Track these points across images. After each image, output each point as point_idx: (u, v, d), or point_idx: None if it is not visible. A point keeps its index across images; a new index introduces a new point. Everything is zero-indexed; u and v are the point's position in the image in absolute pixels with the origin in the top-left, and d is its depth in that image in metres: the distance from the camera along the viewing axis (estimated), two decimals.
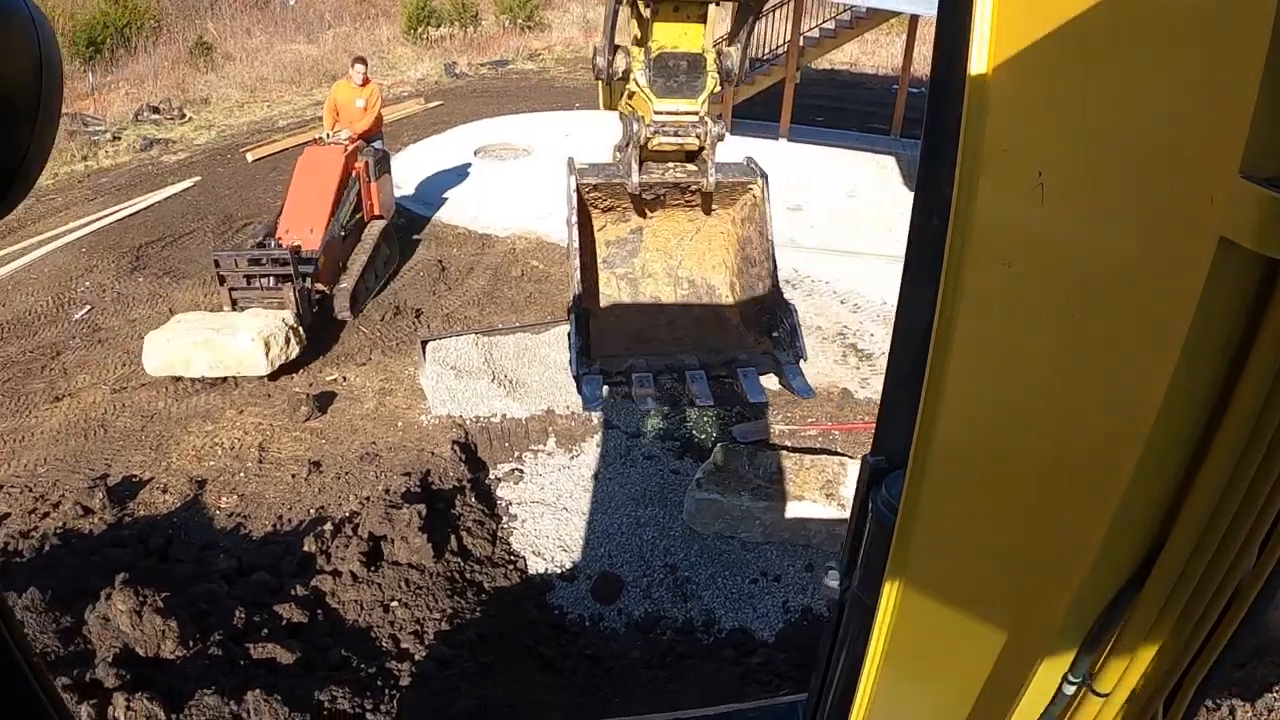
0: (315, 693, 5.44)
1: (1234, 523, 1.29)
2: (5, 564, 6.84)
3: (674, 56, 5.98)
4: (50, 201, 16.34)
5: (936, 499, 1.71)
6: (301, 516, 7.67)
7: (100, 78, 27.38)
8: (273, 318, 9.83)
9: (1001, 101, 1.34)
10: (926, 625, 1.88)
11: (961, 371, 1.57)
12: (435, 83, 25.93)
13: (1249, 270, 1.09)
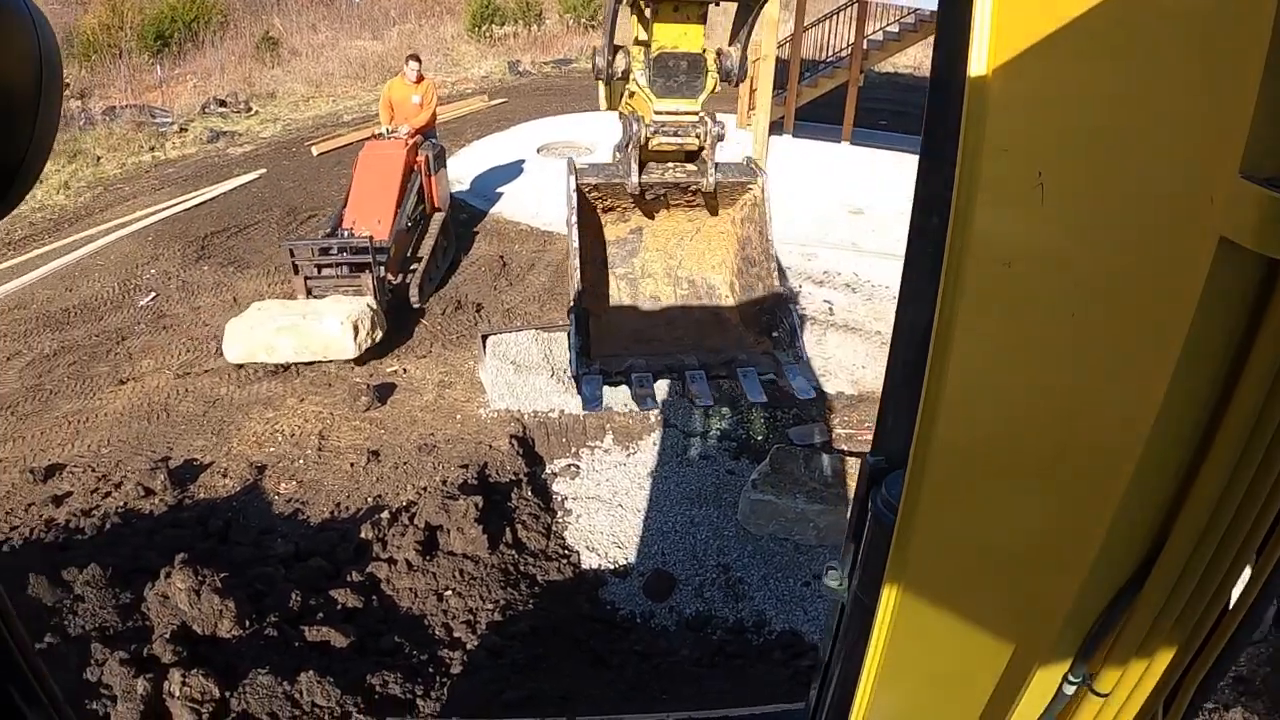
0: (367, 676, 5.52)
1: (1234, 523, 1.28)
2: (67, 540, 7.03)
3: (674, 56, 6.01)
4: (118, 190, 16.76)
5: (936, 499, 1.71)
6: (359, 504, 7.78)
7: (168, 71, 28.02)
8: (357, 303, 10.02)
9: (1001, 101, 1.34)
10: (926, 625, 1.87)
11: (961, 371, 1.56)
12: (499, 80, 26.16)
13: (1249, 270, 1.08)
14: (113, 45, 30.37)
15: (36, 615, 5.71)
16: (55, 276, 12.95)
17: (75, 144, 20.67)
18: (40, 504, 7.67)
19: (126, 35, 30.62)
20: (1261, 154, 0.99)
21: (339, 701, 5.27)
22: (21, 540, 7.10)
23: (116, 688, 5.14)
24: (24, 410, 9.48)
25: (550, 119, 20.81)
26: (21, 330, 11.42)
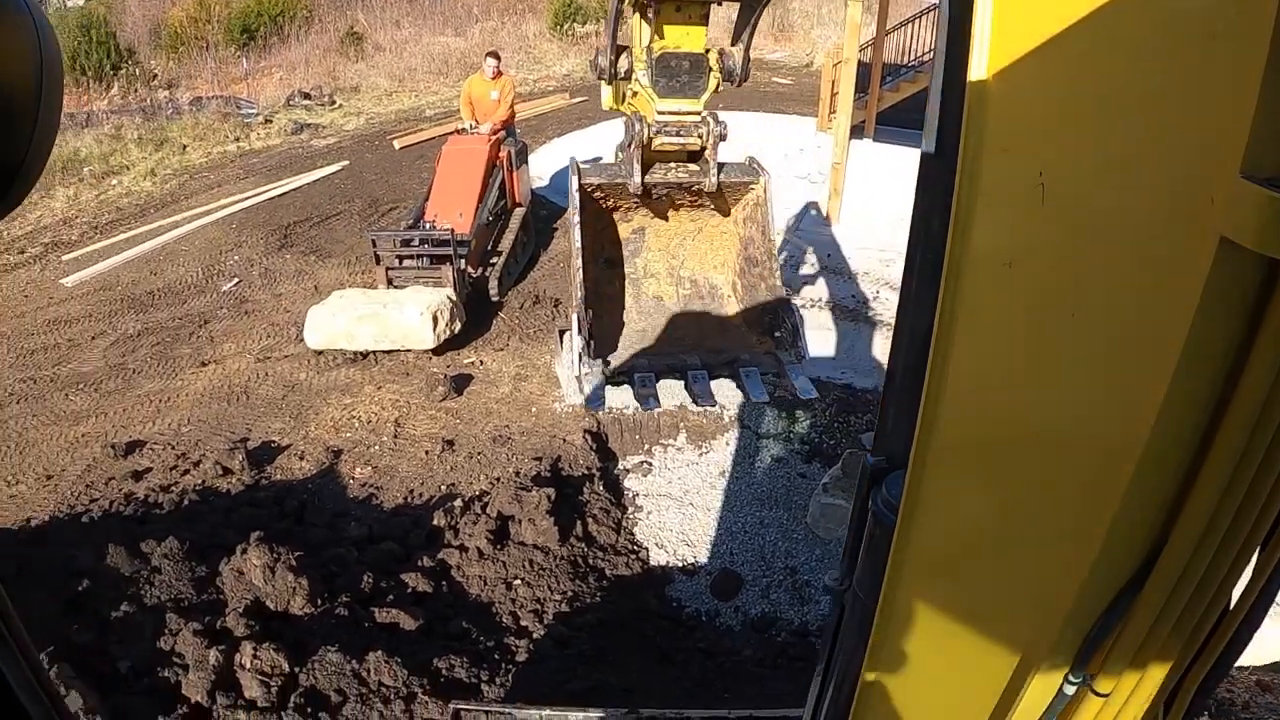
0: (434, 659, 5.60)
1: (1234, 523, 1.27)
2: (146, 514, 7.25)
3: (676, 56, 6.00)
4: (203, 178, 17.22)
5: (936, 500, 1.70)
6: (432, 492, 7.90)
7: (254, 63, 28.72)
8: (437, 293, 10.17)
9: (1002, 101, 1.34)
10: (926, 625, 1.86)
11: (961, 372, 1.56)
12: (580, 79, 26.37)
13: (1249, 271, 1.08)
14: (199, 38, 31.25)
15: (114, 584, 5.89)
16: (141, 260, 13.37)
17: (162, 133, 21.28)
18: (120, 478, 7.93)
19: (213, 28, 31.47)
20: (1262, 154, 1.00)
21: (405, 682, 5.35)
22: (101, 512, 7.34)
23: (189, 657, 5.28)
24: (107, 388, 9.82)
25: None
26: (107, 311, 11.82)
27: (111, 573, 5.97)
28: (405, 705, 5.25)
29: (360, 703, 5.21)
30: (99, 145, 20.72)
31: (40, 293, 12.82)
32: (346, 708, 5.18)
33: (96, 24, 29.51)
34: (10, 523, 7.32)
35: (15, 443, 8.88)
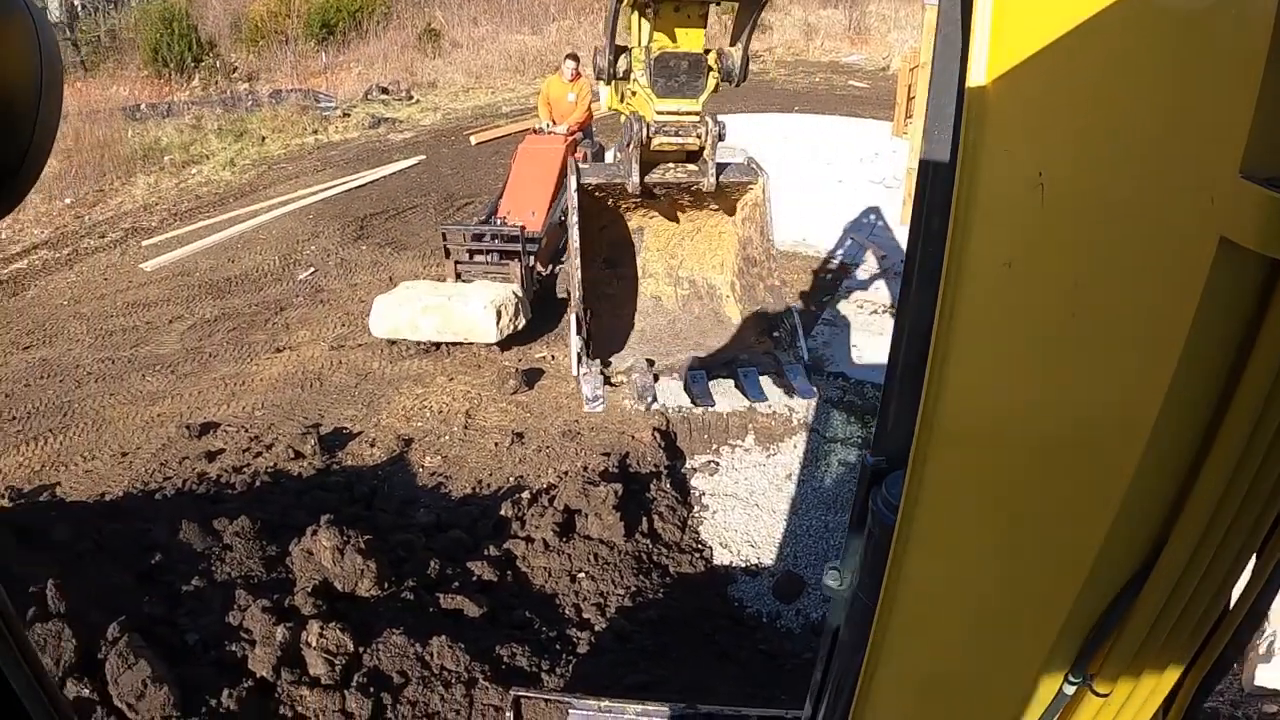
0: (496, 647, 5.67)
1: (1234, 524, 1.27)
2: (218, 493, 7.43)
3: (674, 56, 5.96)
4: (281, 169, 17.57)
5: (936, 499, 1.69)
6: (501, 483, 7.99)
7: (332, 58, 29.24)
8: (503, 288, 10.24)
9: (1002, 101, 1.33)
10: (926, 625, 1.86)
11: (961, 372, 1.55)
12: None
13: (1249, 271, 1.07)
14: (279, 32, 31.90)
15: (186, 559, 6.05)
16: (219, 247, 13.70)
17: (242, 124, 21.74)
18: (194, 458, 8.15)
19: (293, 23, 32.11)
20: (1261, 154, 0.99)
21: (467, 667, 5.43)
22: (174, 490, 7.55)
23: (256, 633, 5.40)
24: (183, 370, 10.08)
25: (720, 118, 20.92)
26: (185, 296, 12.13)
27: (184, 548, 6.13)
28: (466, 690, 5.33)
29: (422, 685, 5.30)
30: (179, 135, 21.22)
31: (120, 276, 13.17)
32: (408, 689, 5.27)
33: (178, 17, 30.21)
34: (85, 496, 7.55)
35: (92, 420, 9.14)
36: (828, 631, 2.41)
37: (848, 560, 2.21)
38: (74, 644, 4.92)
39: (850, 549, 2.18)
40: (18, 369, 10.46)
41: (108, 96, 29.42)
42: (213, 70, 29.59)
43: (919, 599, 1.83)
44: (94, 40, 39.09)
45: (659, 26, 5.85)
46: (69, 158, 20.89)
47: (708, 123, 6.09)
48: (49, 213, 17.44)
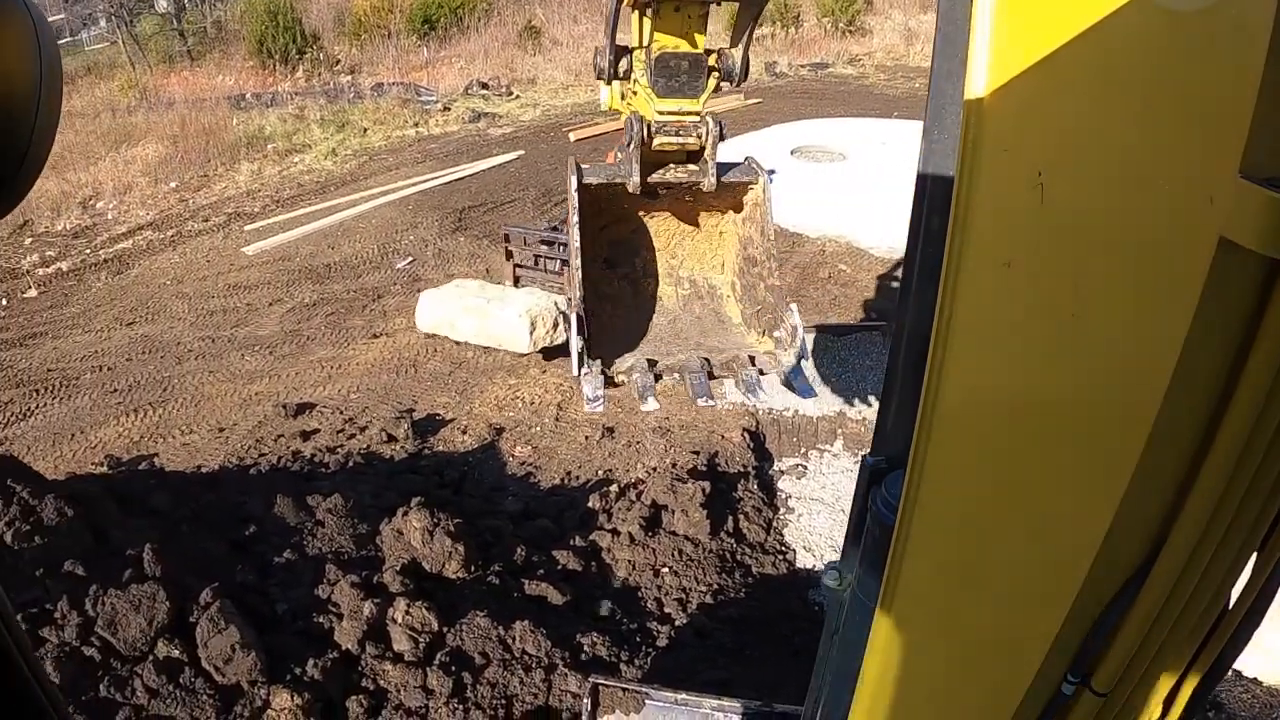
0: (577, 635, 5.75)
1: (1234, 524, 1.26)
2: (312, 471, 7.64)
3: (675, 56, 5.91)
4: (382, 160, 17.95)
5: (936, 500, 1.69)
6: (589, 476, 8.09)
7: (434, 53, 29.75)
8: (544, 299, 10.21)
9: (1001, 101, 1.32)
10: (926, 625, 1.84)
11: (961, 372, 1.55)
12: (755, 81, 26.40)
13: (1249, 270, 1.07)
14: (382, 26, 32.55)
15: (279, 532, 6.22)
16: (319, 234, 14.08)
17: (344, 115, 22.24)
18: (289, 436, 8.41)
19: (395, 18, 32.73)
20: (1261, 154, 1.00)
21: (548, 653, 5.50)
22: (269, 466, 7.77)
23: (344, 607, 5.54)
24: (282, 351, 10.40)
25: (805, 122, 20.87)
26: (285, 280, 12.49)
27: (278, 521, 6.31)
28: (545, 675, 5.40)
29: (502, 667, 5.39)
30: (283, 124, 21.78)
31: (222, 259, 13.62)
32: (489, 670, 5.36)
33: (283, 10, 31.00)
34: (183, 467, 7.81)
35: (191, 395, 9.47)
36: (827, 631, 2.42)
37: (847, 560, 2.22)
38: (167, 606, 5.09)
39: (850, 549, 2.19)
40: (120, 344, 10.88)
41: (213, 85, 30.31)
42: (316, 62, 30.31)
43: (918, 598, 1.83)
44: (200, 31, 40.28)
45: (659, 26, 5.88)
46: (175, 143, 21.56)
47: (708, 122, 6.11)
48: (154, 195, 18.04)
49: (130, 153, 21.84)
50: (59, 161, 22.73)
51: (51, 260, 15.29)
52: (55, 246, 16.11)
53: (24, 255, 15.97)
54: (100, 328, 11.70)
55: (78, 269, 14.67)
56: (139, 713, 4.80)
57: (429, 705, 5.16)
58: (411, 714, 5.13)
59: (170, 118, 24.79)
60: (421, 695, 5.21)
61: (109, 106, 29.36)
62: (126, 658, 4.98)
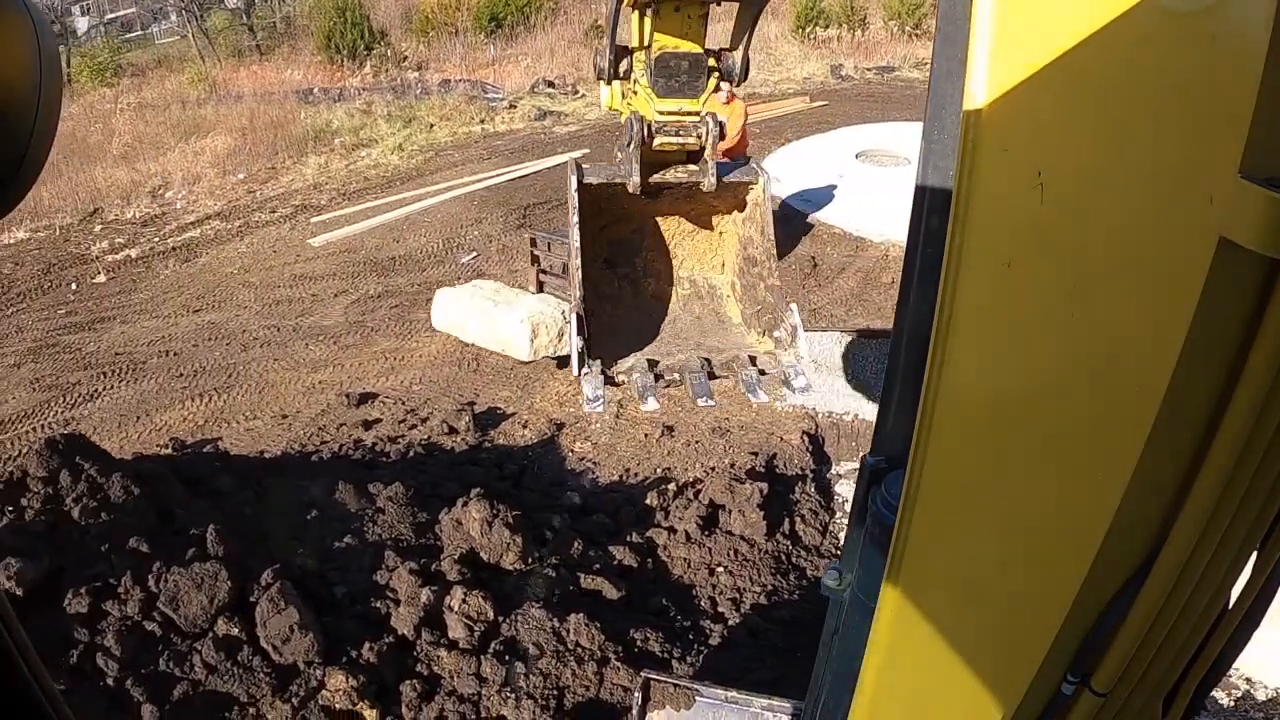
0: (631, 630, 5.79)
1: (1233, 523, 1.26)
2: (373, 460, 7.77)
3: (675, 56, 5.87)
4: (447, 156, 18.15)
5: (936, 499, 1.68)
6: (647, 473, 8.14)
7: (500, 50, 30.01)
8: (554, 306, 10.11)
9: (1001, 101, 1.32)
10: (926, 624, 1.83)
11: (961, 372, 1.55)
12: (820, 83, 26.36)
13: (1249, 270, 1.07)
14: (449, 23, 32.93)
15: (340, 518, 6.33)
16: (384, 228, 14.29)
17: (410, 111, 22.52)
18: (351, 425, 8.58)
19: (462, 15, 33.08)
20: (1261, 154, 1.00)
21: (601, 646, 5.55)
22: (331, 454, 7.91)
23: (401, 593, 5.63)
24: (345, 342, 10.58)
25: (870, 125, 20.74)
26: (350, 272, 12.70)
27: (339, 507, 6.42)
28: (598, 668, 5.45)
29: (555, 659, 5.44)
30: (350, 119, 22.07)
31: (288, 250, 13.86)
32: (542, 661, 5.42)
33: (351, 7, 31.47)
34: (246, 452, 7.96)
35: (255, 382, 9.66)
36: (827, 631, 2.42)
37: (847, 560, 2.22)
38: (228, 585, 5.21)
39: (850, 549, 2.20)
40: (187, 330, 11.12)
41: (281, 80, 30.78)
42: (383, 58, 30.72)
43: (918, 598, 1.83)
44: (269, 26, 40.94)
45: (659, 26, 5.89)
46: (244, 135, 21.93)
47: (708, 122, 6.11)
48: (222, 186, 18.37)
49: (199, 144, 22.25)
50: (130, 152, 23.23)
51: (121, 247, 15.64)
52: (124, 234, 16.47)
53: (94, 242, 16.36)
54: (167, 314, 11.97)
55: (146, 256, 14.99)
56: (196, 687, 4.92)
57: (481, 693, 5.23)
58: (464, 701, 5.20)
59: (239, 111, 25.23)
60: (474, 682, 5.28)
61: (179, 99, 29.94)
62: (186, 634, 5.10)
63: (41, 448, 5.78)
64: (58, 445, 5.87)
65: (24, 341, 11.84)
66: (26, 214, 18.71)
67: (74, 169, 21.87)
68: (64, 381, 10.51)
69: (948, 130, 1.67)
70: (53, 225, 17.97)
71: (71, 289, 13.93)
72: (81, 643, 4.88)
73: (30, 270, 15.23)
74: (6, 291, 14.26)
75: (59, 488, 5.60)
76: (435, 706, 5.13)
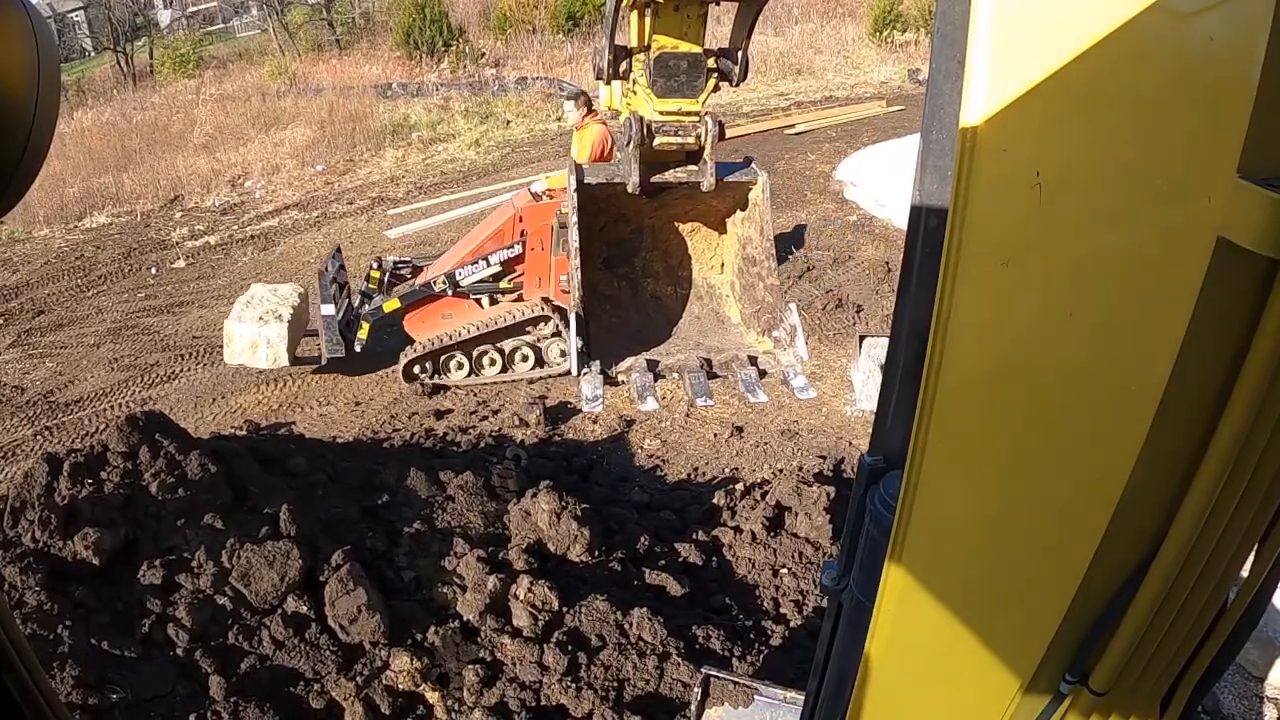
0: (693, 626, 5.81)
1: (1231, 523, 1.26)
2: (444, 449, 7.88)
3: (674, 56, 5.81)
4: (523, 152, 18.35)
5: (935, 499, 1.69)
6: (715, 472, 8.17)
7: (577, 49, 30.24)
8: (280, 318, 9.94)
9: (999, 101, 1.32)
10: (924, 625, 1.84)
11: (959, 371, 1.54)
12: (898, 87, 26.23)
13: (1247, 270, 1.07)
14: (526, 22, 33.26)
15: (410, 503, 6.44)
16: (460, 221, 14.49)
17: (487, 107, 22.80)
18: (423, 414, 8.76)
19: (540, 14, 33.39)
20: (1259, 154, 1.00)
21: (663, 641, 5.58)
22: (402, 441, 8.05)
23: (468, 579, 5.72)
24: None
25: None
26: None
27: (410, 493, 6.53)
28: (659, 662, 5.49)
29: (617, 651, 5.49)
30: (428, 114, 22.42)
31: (365, 240, 14.11)
32: (604, 653, 5.47)
33: (430, 4, 31.93)
34: (319, 436, 8.12)
35: (329, 369, 9.80)
36: (825, 630, 2.42)
37: (845, 560, 2.22)
38: (299, 564, 5.34)
39: (848, 548, 2.20)
40: None
41: (360, 74, 31.27)
42: (461, 55, 31.10)
43: (915, 597, 1.84)
44: (349, 21, 41.58)
45: (659, 26, 5.88)
46: (322, 128, 22.31)
47: (707, 122, 6.09)
48: (301, 177, 18.74)
49: (279, 135, 22.70)
50: (211, 141, 23.76)
51: (200, 234, 16.04)
52: (204, 221, 16.89)
53: (174, 228, 16.78)
54: None
55: (225, 243, 15.37)
56: (264, 662, 5.06)
57: (543, 681, 5.29)
58: (525, 687, 5.27)
59: (318, 104, 25.69)
60: (536, 670, 5.35)
61: (259, 91, 30.55)
62: (256, 609, 5.25)
63: (122, 424, 5.94)
64: (138, 422, 6.03)
65: (104, 323, 12.21)
66: (108, 199, 19.25)
67: (156, 157, 22.44)
68: (142, 362, 10.83)
69: (946, 130, 1.68)
70: (134, 211, 18.47)
71: (151, 273, 14.32)
72: (154, 613, 5.05)
73: (111, 254, 15.67)
74: (87, 274, 14.69)
75: (138, 463, 5.77)
76: (496, 692, 5.21)
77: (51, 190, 20.49)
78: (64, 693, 4.54)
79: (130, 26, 48.59)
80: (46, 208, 19.12)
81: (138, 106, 33.46)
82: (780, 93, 24.14)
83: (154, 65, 43.56)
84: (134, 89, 40.04)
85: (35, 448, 9.13)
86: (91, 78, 47.26)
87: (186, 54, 41.37)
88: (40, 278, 14.82)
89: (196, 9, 57.69)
